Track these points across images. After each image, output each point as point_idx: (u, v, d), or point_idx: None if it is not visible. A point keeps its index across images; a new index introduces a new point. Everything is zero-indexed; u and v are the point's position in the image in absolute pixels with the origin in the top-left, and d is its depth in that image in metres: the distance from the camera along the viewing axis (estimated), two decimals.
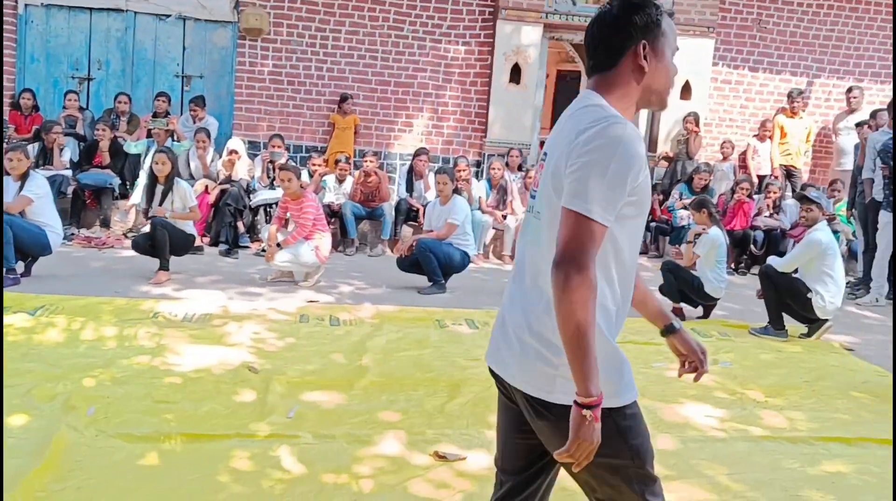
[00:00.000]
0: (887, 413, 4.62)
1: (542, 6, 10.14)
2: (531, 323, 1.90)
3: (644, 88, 1.93)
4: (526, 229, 2.02)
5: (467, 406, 4.19)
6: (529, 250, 1.97)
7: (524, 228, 2.04)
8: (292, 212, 6.96)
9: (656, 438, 3.88)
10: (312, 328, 5.56)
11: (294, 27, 10.24)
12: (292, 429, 3.72)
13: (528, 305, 1.92)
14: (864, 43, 11.03)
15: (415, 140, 10.51)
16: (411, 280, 7.22)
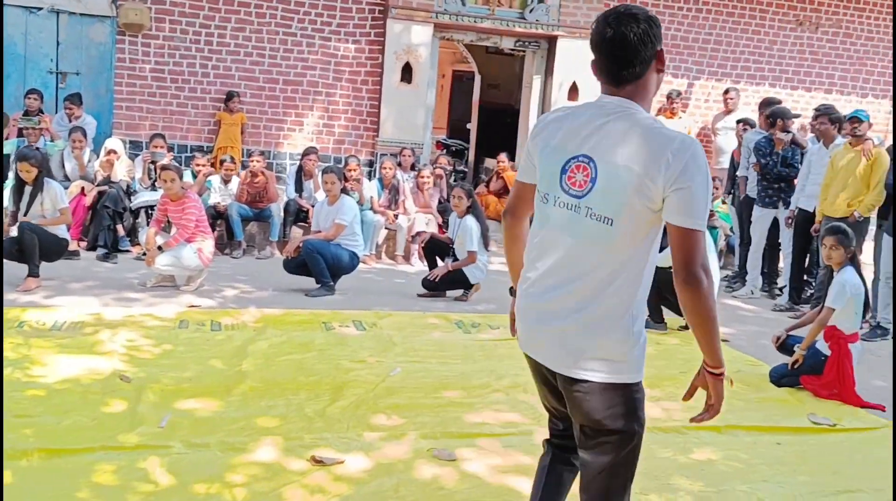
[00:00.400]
0: (757, 401, 4.83)
1: (431, 6, 10.15)
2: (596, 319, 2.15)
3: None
4: (571, 227, 2.16)
5: (349, 409, 4.15)
6: (583, 248, 2.15)
7: (565, 224, 2.17)
8: (173, 214, 6.74)
9: (536, 433, 3.95)
10: (192, 334, 5.39)
11: (177, 23, 9.93)
12: (163, 439, 3.60)
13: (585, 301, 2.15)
14: (741, 47, 11.51)
15: (305, 139, 10.36)
16: (299, 283, 7.10)
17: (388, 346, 5.40)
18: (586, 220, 2.13)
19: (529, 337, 2.31)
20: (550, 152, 2.22)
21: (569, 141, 2.19)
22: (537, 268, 2.25)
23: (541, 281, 2.23)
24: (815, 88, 11.75)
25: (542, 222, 2.25)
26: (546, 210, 2.23)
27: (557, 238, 2.20)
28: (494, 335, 5.92)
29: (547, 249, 2.23)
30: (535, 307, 2.24)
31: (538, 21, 10.46)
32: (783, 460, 3.93)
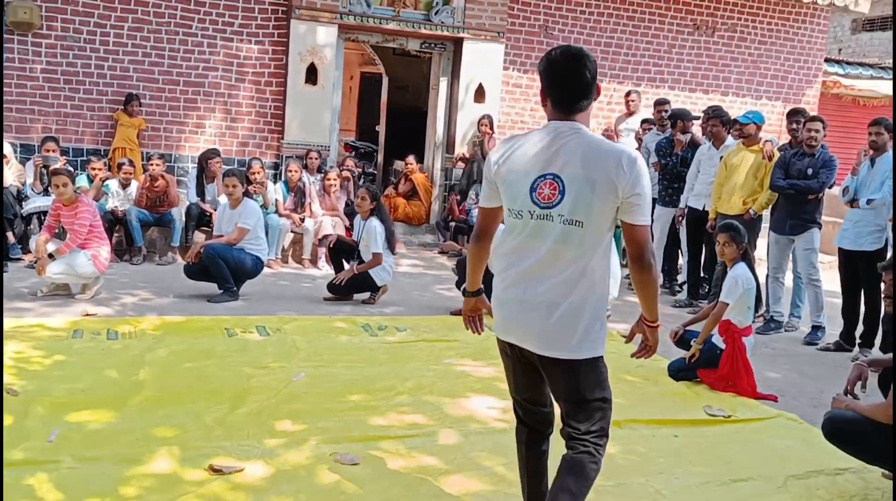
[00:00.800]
0: (656, 395, 4.97)
1: (336, 7, 10.07)
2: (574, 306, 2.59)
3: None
4: (544, 232, 2.59)
5: (250, 416, 4.07)
6: (558, 249, 2.58)
7: (538, 231, 2.60)
8: (66, 220, 6.48)
9: (440, 434, 3.97)
10: (86, 344, 5.20)
11: (70, 22, 9.56)
12: (51, 454, 3.45)
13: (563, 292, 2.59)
14: (641, 50, 11.82)
15: (207, 142, 10.12)
16: (202, 289, 6.93)
17: (292, 351, 5.33)
18: (560, 225, 2.56)
19: (513, 328, 2.71)
20: (517, 177, 2.64)
21: (532, 165, 2.61)
22: (517, 268, 2.65)
23: (523, 280, 2.64)
24: (713, 91, 12.17)
25: (515, 232, 2.67)
26: (518, 222, 2.64)
27: (532, 243, 2.62)
28: (401, 337, 5.92)
29: (523, 253, 2.64)
30: (520, 301, 2.64)
31: (443, 23, 10.51)
32: (679, 452, 4.05)
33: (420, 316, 6.72)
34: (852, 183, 6.54)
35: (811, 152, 6.77)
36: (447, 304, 7.27)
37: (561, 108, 2.63)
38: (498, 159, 2.71)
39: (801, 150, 6.90)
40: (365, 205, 7.08)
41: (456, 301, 7.19)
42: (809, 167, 6.74)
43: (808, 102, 12.41)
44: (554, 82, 2.64)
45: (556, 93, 2.64)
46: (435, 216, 11.09)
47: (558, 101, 2.64)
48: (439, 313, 6.95)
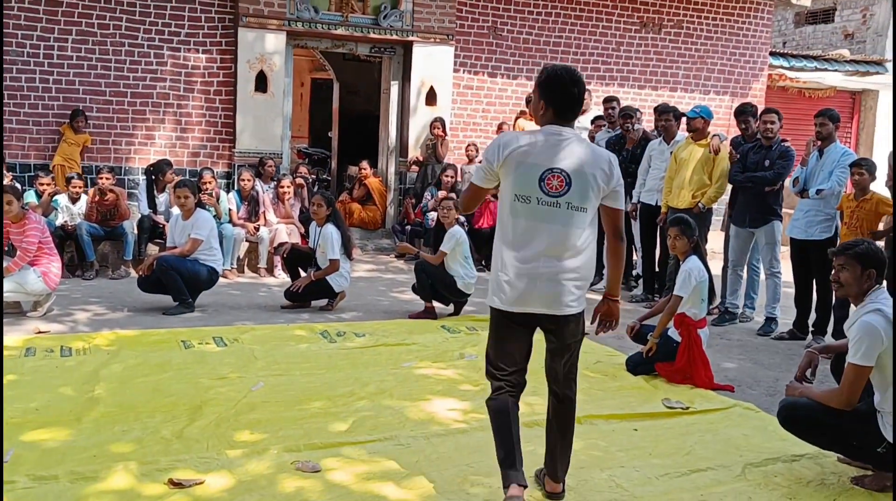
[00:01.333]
0: (615, 390, 5.03)
1: (283, 13, 10.03)
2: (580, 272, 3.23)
3: None
4: (552, 216, 3.16)
5: (209, 428, 4.03)
6: (568, 231, 3.17)
7: (548, 216, 3.15)
8: (14, 237, 6.35)
9: (400, 437, 3.97)
10: (39, 362, 5.10)
11: (12, 36, 9.38)
12: (6, 474, 3.37)
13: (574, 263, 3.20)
14: (590, 48, 11.96)
15: (157, 153, 10.00)
16: (156, 301, 6.85)
17: (250, 361, 5.29)
18: (567, 211, 3.16)
19: (532, 298, 3.21)
20: (527, 168, 3.14)
21: (542, 159, 3.14)
22: (533, 248, 3.17)
23: (541, 257, 3.17)
24: (661, 87, 12.36)
25: (526, 215, 3.17)
26: (525, 206, 3.16)
27: (542, 226, 3.17)
28: (360, 342, 5.90)
29: (535, 234, 3.17)
30: (540, 274, 3.18)
31: (392, 27, 10.52)
32: (639, 445, 4.10)
33: (378, 321, 6.72)
34: (802, 174, 6.67)
35: (768, 144, 6.88)
36: (405, 307, 7.27)
37: (562, 116, 3.19)
38: (506, 151, 3.17)
39: (758, 142, 6.99)
40: (321, 212, 7.05)
41: (414, 305, 7.20)
42: (766, 159, 6.85)
43: (754, 96, 12.67)
44: (557, 94, 3.17)
45: (558, 104, 3.18)
46: (391, 221, 11.09)
47: (560, 110, 3.19)
48: (397, 316, 6.95)
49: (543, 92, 3.18)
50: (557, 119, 3.18)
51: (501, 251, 3.23)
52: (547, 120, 3.20)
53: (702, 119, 7.39)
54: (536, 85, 3.23)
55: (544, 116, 3.20)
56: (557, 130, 3.17)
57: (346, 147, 13.67)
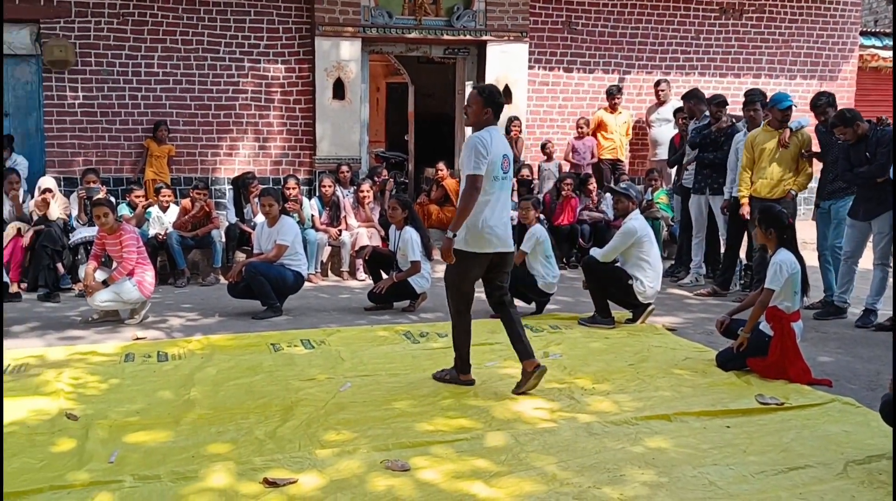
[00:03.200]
0: (705, 387, 4.92)
1: (358, 20, 10.17)
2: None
3: None
4: (504, 187, 4.73)
5: (299, 428, 4.12)
6: (508, 195, 4.81)
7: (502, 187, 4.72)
8: (111, 248, 6.62)
9: (488, 436, 3.98)
10: (138, 367, 5.31)
11: (103, 56, 9.79)
12: (112, 474, 3.53)
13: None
14: (668, 38, 11.74)
15: (242, 163, 10.29)
16: (245, 306, 7.04)
17: (337, 362, 5.38)
18: (508, 182, 4.79)
19: (498, 242, 4.70)
20: (494, 157, 4.62)
21: (498, 150, 4.65)
22: (498, 208, 4.69)
23: (502, 214, 4.72)
24: (744, 74, 12.04)
25: (494, 188, 4.66)
26: (496, 183, 4.66)
27: (501, 195, 4.71)
28: (443, 343, 5.93)
29: (498, 201, 4.69)
30: (502, 225, 4.71)
31: (465, 27, 10.55)
32: (732, 442, 4.00)
33: None
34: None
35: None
36: (486, 307, 7.18)
37: (496, 119, 4.75)
38: (488, 144, 4.58)
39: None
40: (397, 215, 7.13)
41: None
42: (866, 152, 6.56)
43: (844, 78, 12.24)
44: (496, 105, 4.72)
45: (497, 111, 4.74)
46: None
47: (497, 115, 4.75)
48: (478, 316, 6.90)
49: (488, 103, 4.67)
50: (494, 121, 4.73)
51: (481, 210, 4.60)
52: (487, 122, 4.69)
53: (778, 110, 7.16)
54: (480, 97, 4.67)
55: (487, 118, 4.69)
56: (496, 129, 4.72)
57: (422, 150, 13.76)
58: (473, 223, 4.60)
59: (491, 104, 4.68)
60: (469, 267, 4.74)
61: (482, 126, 4.67)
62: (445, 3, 10.52)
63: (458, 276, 4.80)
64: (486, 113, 4.66)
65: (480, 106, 4.66)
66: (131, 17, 9.83)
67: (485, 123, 4.67)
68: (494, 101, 4.71)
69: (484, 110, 4.66)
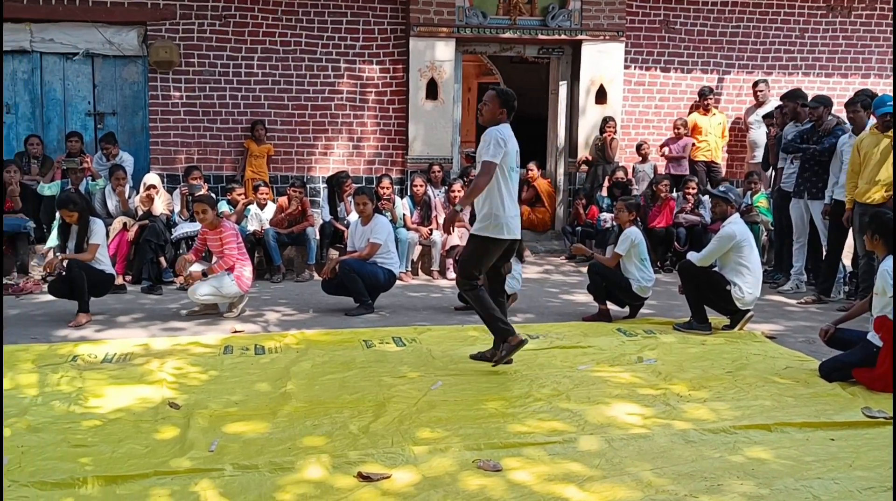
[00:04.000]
0: (808, 397, 4.74)
1: (453, 21, 10.22)
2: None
3: None
4: (516, 179, 5.15)
5: (392, 424, 4.16)
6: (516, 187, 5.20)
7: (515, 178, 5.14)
8: (212, 243, 6.83)
9: (581, 440, 3.94)
10: (236, 359, 5.47)
11: (205, 57, 10.13)
12: (213, 463, 3.64)
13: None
14: (770, 37, 11.37)
15: (336, 162, 10.47)
16: (339, 303, 7.16)
17: (428, 360, 5.42)
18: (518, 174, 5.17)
19: (516, 230, 5.13)
20: (511, 150, 5.04)
21: (513, 144, 5.07)
22: (514, 200, 5.13)
23: (516, 206, 5.18)
24: (852, 74, 11.55)
25: (510, 179, 5.09)
26: (513, 173, 5.08)
27: (514, 187, 5.14)
28: (534, 344, 5.89)
29: (513, 191, 5.13)
30: (517, 216, 5.16)
31: (560, 27, 10.47)
32: (837, 456, 3.84)
33: (552, 323, 6.69)
34: None
35: None
36: (578, 310, 7.21)
37: (508, 120, 5.08)
38: (506, 140, 4.98)
39: None
40: None
41: (587, 307, 7.13)
42: None
43: None
44: (511, 108, 5.08)
45: (510, 113, 5.08)
46: (560, 222, 11.03)
47: (509, 116, 5.08)
48: (570, 319, 6.90)
49: (504, 104, 5.05)
50: (508, 119, 5.07)
51: (502, 200, 5.00)
52: (503, 120, 5.05)
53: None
54: (499, 98, 5.05)
55: (500, 118, 5.05)
56: (508, 127, 5.05)
57: None
58: (496, 212, 5.00)
59: (506, 106, 5.05)
60: (491, 253, 5.09)
61: (496, 125, 5.04)
62: (540, 3, 10.46)
63: (479, 260, 5.11)
64: (500, 113, 5.04)
65: (497, 106, 5.05)
66: (233, 19, 10.12)
67: (498, 122, 5.04)
68: (510, 103, 5.06)
69: (500, 110, 5.04)
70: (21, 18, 9.73)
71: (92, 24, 9.82)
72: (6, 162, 8.93)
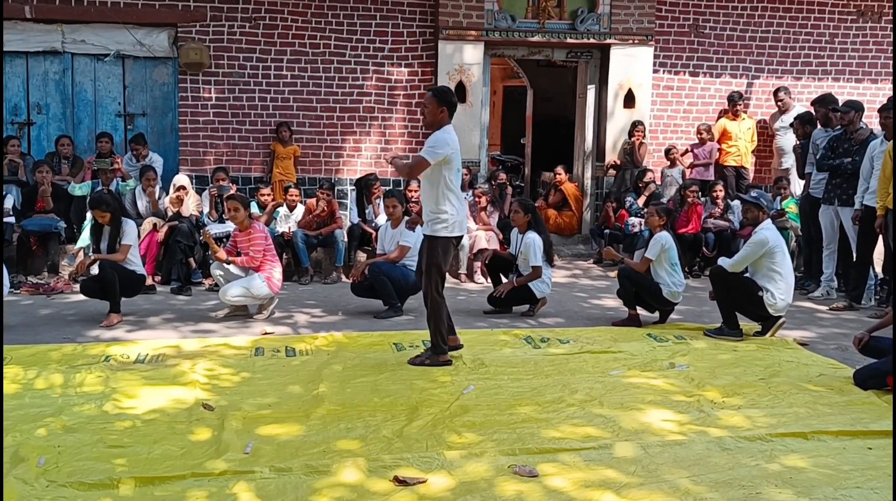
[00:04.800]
0: (843, 405, 4.69)
1: (482, 24, 10.22)
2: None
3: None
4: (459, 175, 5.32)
5: (426, 428, 4.16)
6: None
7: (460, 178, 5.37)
8: (241, 244, 6.87)
9: (616, 446, 3.92)
10: (268, 361, 5.49)
11: (235, 59, 10.19)
12: (249, 465, 3.66)
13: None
14: (800, 42, 11.28)
15: (364, 164, 10.51)
16: (367, 305, 7.18)
17: (459, 364, 5.42)
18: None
19: (463, 228, 5.39)
20: (455, 151, 5.18)
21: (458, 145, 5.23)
22: (460, 199, 5.28)
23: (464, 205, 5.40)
24: (882, 80, 11.43)
25: (458, 179, 5.27)
26: (459, 174, 5.26)
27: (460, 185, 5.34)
28: (564, 349, 5.89)
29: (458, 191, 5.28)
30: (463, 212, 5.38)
31: (589, 31, 10.44)
32: (876, 465, 3.80)
33: (582, 327, 6.67)
34: None
35: None
36: (607, 314, 7.18)
37: (450, 118, 5.21)
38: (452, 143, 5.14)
39: None
40: (519, 218, 7.13)
41: (616, 312, 7.10)
42: None
43: None
44: (451, 104, 5.21)
45: (451, 110, 5.21)
46: (586, 226, 10.99)
47: (451, 114, 5.22)
48: (600, 323, 6.88)
49: (442, 102, 5.14)
50: (448, 119, 5.17)
51: (450, 200, 5.17)
52: (444, 120, 5.15)
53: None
54: (434, 98, 5.14)
55: (442, 117, 5.15)
56: (452, 129, 5.20)
57: (538, 153, 13.70)
58: (454, 212, 5.20)
59: (445, 103, 5.15)
60: (450, 249, 5.36)
61: (440, 125, 5.15)
62: (569, 6, 10.45)
63: (443, 258, 5.30)
64: (441, 112, 5.15)
65: (435, 106, 5.14)
66: (262, 22, 10.19)
67: (442, 122, 5.15)
68: (448, 100, 5.18)
69: (440, 110, 5.14)
70: (53, 19, 9.84)
71: (123, 25, 9.91)
72: (38, 163, 9.04)
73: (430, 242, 5.31)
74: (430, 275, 5.33)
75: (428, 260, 5.33)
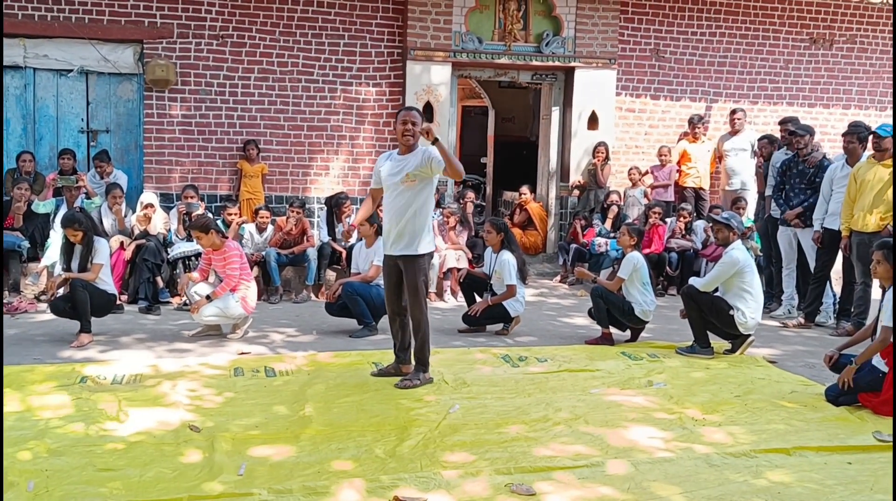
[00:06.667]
0: (818, 421, 4.84)
1: (449, 45, 10.33)
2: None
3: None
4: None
5: (418, 448, 4.18)
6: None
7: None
8: (216, 264, 6.82)
9: (607, 464, 3.99)
10: (248, 381, 5.45)
11: (202, 76, 10.12)
12: (246, 487, 3.64)
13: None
14: (756, 68, 11.62)
15: (332, 183, 10.49)
16: (341, 324, 7.17)
17: (441, 383, 5.45)
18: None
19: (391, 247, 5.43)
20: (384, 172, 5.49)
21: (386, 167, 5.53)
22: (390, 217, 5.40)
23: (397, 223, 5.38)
24: (833, 105, 11.83)
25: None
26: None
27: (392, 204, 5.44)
28: (543, 367, 5.96)
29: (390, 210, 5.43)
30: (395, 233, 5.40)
31: (554, 53, 10.61)
32: (857, 479, 3.93)
33: (557, 346, 6.76)
34: None
35: None
36: (579, 333, 7.28)
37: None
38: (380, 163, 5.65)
39: None
40: (493, 238, 7.21)
41: (588, 330, 7.21)
42: None
43: None
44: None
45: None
46: (551, 246, 11.13)
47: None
48: (573, 342, 6.97)
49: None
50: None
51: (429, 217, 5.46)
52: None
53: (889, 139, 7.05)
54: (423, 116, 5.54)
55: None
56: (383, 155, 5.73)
57: (499, 173, 13.84)
58: (429, 228, 5.43)
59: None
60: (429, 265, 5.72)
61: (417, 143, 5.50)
62: (535, 30, 10.61)
63: (425, 275, 5.51)
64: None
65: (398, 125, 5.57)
66: (230, 39, 10.14)
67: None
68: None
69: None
70: (15, 34, 9.66)
71: (88, 40, 9.78)
72: (18, 180, 8.86)
73: (416, 260, 5.38)
74: (418, 294, 5.41)
75: (416, 279, 5.40)
